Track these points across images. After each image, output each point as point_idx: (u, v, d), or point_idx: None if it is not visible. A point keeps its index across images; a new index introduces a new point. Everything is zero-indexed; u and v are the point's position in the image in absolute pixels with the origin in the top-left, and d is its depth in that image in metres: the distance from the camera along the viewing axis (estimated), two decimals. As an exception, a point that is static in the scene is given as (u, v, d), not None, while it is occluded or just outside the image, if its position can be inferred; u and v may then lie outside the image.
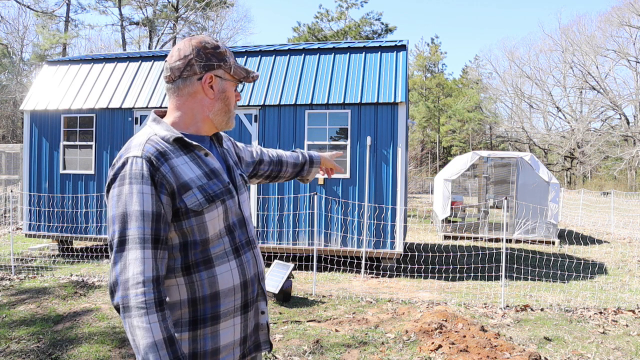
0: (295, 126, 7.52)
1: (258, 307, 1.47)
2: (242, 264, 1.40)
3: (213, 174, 1.37)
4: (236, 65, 1.45)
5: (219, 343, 1.34)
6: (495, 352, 3.73)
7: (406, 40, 8.00)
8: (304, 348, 4.02)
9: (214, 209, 1.33)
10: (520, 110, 42.09)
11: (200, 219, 1.31)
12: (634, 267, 8.17)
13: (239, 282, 1.38)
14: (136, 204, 1.23)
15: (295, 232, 7.46)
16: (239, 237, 1.42)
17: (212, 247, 1.34)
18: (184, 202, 1.28)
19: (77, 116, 8.39)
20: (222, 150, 1.52)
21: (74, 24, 30.59)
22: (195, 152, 1.37)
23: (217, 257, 1.34)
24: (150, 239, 1.23)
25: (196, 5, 30.52)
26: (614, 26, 34.60)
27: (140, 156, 1.26)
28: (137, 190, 1.24)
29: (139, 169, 1.25)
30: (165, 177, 1.27)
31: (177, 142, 1.35)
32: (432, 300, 5.72)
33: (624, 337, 4.50)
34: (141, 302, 1.18)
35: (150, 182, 1.25)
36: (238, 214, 1.43)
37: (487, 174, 11.45)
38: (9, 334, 4.34)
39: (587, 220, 15.16)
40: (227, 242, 1.37)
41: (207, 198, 1.32)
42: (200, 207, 1.30)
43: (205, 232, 1.32)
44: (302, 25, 35.85)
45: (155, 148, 1.29)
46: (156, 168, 1.26)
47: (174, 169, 1.29)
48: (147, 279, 1.20)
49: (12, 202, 10.86)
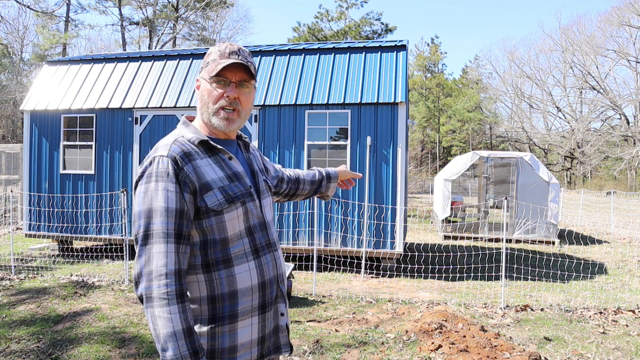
0: (295, 126, 7.52)
1: (277, 309, 1.50)
2: (261, 265, 1.43)
3: (235, 177, 1.43)
4: (213, 62, 1.44)
5: (237, 341, 1.38)
6: (495, 352, 3.73)
7: (406, 40, 8.00)
8: (304, 348, 4.02)
9: (234, 210, 1.38)
10: (520, 110, 42.10)
11: (219, 218, 1.36)
12: (634, 267, 8.17)
13: (257, 282, 1.41)
14: (161, 201, 1.30)
15: (295, 232, 7.46)
16: (260, 239, 1.45)
17: (232, 247, 1.38)
18: (205, 201, 1.34)
19: (77, 116, 8.39)
20: (247, 156, 1.57)
21: (74, 24, 30.60)
22: (219, 155, 1.44)
23: (236, 257, 1.39)
24: (174, 234, 1.29)
25: (196, 5, 30.52)
26: (614, 26, 34.61)
27: (167, 155, 1.33)
28: (163, 188, 1.31)
29: (164, 167, 1.32)
30: (188, 176, 1.33)
31: (203, 145, 1.42)
32: (432, 300, 5.72)
33: (624, 337, 4.50)
34: (163, 293, 1.24)
35: (175, 180, 1.31)
36: (259, 216, 1.47)
37: (487, 174, 11.45)
38: (9, 334, 4.34)
39: (587, 220, 15.16)
40: (247, 243, 1.41)
41: (227, 199, 1.37)
42: (220, 207, 1.35)
43: (225, 231, 1.37)
44: (302, 25, 35.86)
45: (181, 149, 1.36)
46: (180, 167, 1.33)
47: (197, 169, 1.35)
48: (170, 271, 1.26)
49: (12, 202, 10.86)
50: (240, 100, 1.45)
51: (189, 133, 1.43)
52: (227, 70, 1.43)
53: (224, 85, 1.43)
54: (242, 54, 1.45)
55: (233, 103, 1.44)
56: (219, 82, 1.43)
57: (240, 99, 1.45)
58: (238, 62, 1.42)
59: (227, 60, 1.41)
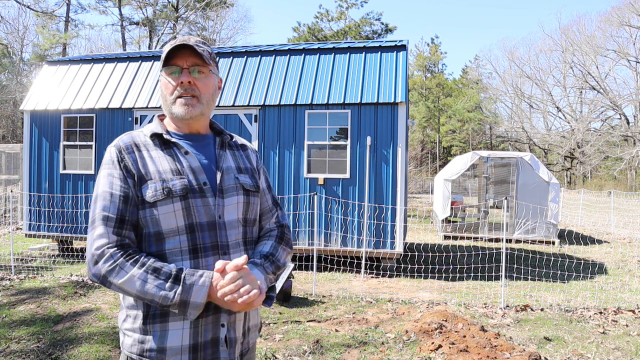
0: (295, 126, 7.52)
1: (217, 319, 1.35)
2: (197, 266, 1.33)
3: (184, 172, 1.37)
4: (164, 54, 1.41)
5: (166, 344, 1.32)
6: (495, 352, 3.73)
7: (406, 40, 8.00)
8: (304, 348, 4.02)
9: (169, 204, 1.33)
10: (520, 110, 42.10)
11: (152, 211, 1.33)
12: (634, 267, 8.17)
13: None
14: (105, 185, 1.35)
15: (295, 232, 7.46)
16: (202, 239, 1.35)
17: (167, 242, 1.34)
18: (141, 191, 1.34)
19: (77, 116, 8.39)
20: (220, 152, 1.48)
21: (74, 24, 30.60)
22: (173, 149, 1.41)
23: (170, 253, 1.34)
24: (115, 218, 1.31)
25: (196, 5, 30.52)
26: (614, 26, 34.61)
27: (114, 145, 1.39)
28: (107, 174, 1.36)
29: (110, 156, 1.38)
30: (130, 164, 1.35)
31: (156, 138, 1.41)
32: (432, 300, 5.72)
33: (624, 337, 4.50)
34: (109, 266, 1.26)
35: (118, 166, 1.35)
36: (210, 215, 1.37)
37: (487, 174, 11.45)
38: (9, 334, 4.34)
39: (587, 220, 15.16)
40: (183, 241, 1.34)
41: (163, 191, 1.33)
42: (153, 199, 1.32)
43: (158, 225, 1.33)
44: (302, 25, 35.87)
45: (130, 141, 1.40)
46: (122, 156, 1.36)
47: (141, 159, 1.37)
48: (111, 245, 1.28)
49: (12, 202, 10.86)
50: (197, 85, 1.40)
51: (149, 127, 1.44)
52: (177, 57, 1.39)
53: (178, 75, 1.40)
54: (192, 40, 1.41)
55: (189, 89, 1.39)
56: (173, 72, 1.40)
57: (196, 84, 1.40)
58: (185, 45, 1.38)
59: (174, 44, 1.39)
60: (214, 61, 1.48)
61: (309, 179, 7.43)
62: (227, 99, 7.77)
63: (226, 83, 8.00)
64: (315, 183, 7.40)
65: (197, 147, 1.45)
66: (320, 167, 7.44)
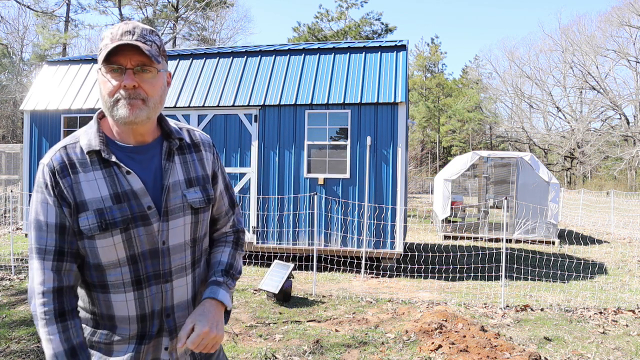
0: (295, 126, 7.52)
1: (160, 342, 1.32)
2: (142, 297, 1.27)
3: (125, 197, 1.23)
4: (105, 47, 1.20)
5: None
6: (495, 352, 3.73)
7: (406, 40, 8.00)
8: (304, 348, 4.02)
9: (109, 237, 1.21)
10: (520, 110, 42.10)
11: (91, 243, 1.22)
12: (634, 267, 8.16)
13: (135, 314, 1.28)
14: (39, 214, 1.22)
15: (295, 232, 7.46)
16: (145, 269, 1.27)
17: (108, 274, 1.25)
18: (78, 222, 1.21)
19: (77, 116, 8.39)
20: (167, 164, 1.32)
21: (74, 24, 30.61)
22: (113, 168, 1.24)
23: (112, 285, 1.26)
24: (53, 250, 1.20)
25: (196, 5, 30.53)
26: (614, 26, 34.61)
27: (47, 164, 1.23)
28: (41, 200, 1.22)
29: (42, 178, 1.22)
30: (64, 191, 1.21)
31: (94, 155, 1.24)
32: (432, 300, 5.72)
33: (624, 337, 4.50)
34: (42, 313, 1.19)
35: (52, 193, 1.21)
36: (152, 243, 1.26)
37: (487, 174, 11.45)
38: (9, 334, 4.34)
39: (587, 220, 15.16)
40: (126, 273, 1.25)
41: (101, 224, 1.20)
42: (90, 232, 1.21)
43: (98, 258, 1.23)
44: (302, 25, 35.85)
45: (63, 158, 1.23)
46: (56, 181, 1.21)
47: (75, 184, 1.21)
48: (47, 289, 1.19)
49: (12, 202, 10.86)
50: (143, 89, 1.21)
51: (86, 137, 1.25)
52: (120, 55, 1.19)
53: (119, 74, 1.20)
54: (138, 32, 1.21)
55: (133, 94, 1.20)
56: (113, 70, 1.20)
57: (143, 88, 1.21)
58: (129, 44, 1.18)
59: (116, 43, 1.18)
60: (164, 56, 1.29)
61: (309, 179, 7.44)
62: (227, 99, 7.78)
63: (226, 83, 8.00)
64: (315, 183, 7.40)
65: (141, 161, 1.28)
66: (320, 167, 7.44)
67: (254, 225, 7.60)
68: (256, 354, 3.87)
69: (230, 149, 7.76)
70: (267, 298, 5.58)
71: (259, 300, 5.58)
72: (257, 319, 4.85)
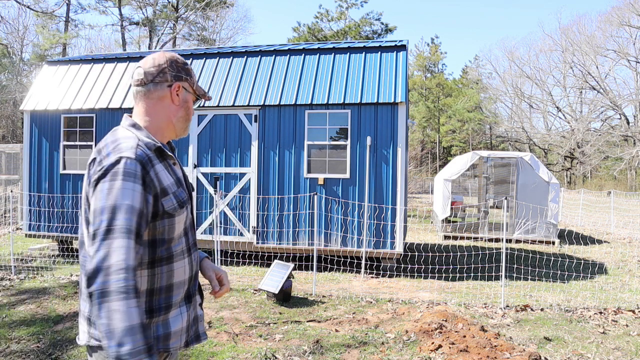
0: (295, 126, 7.52)
1: (196, 300, 1.65)
2: (191, 261, 1.59)
3: (179, 182, 1.56)
4: (197, 84, 1.67)
5: (170, 329, 1.50)
6: (495, 352, 3.73)
7: (406, 40, 8.00)
8: (304, 348, 4.02)
9: (183, 213, 1.52)
10: (520, 110, 42.11)
11: (172, 220, 1.48)
12: (634, 267, 8.17)
13: (187, 276, 1.57)
14: (128, 198, 1.35)
15: (295, 232, 7.46)
16: (191, 239, 1.61)
17: (174, 245, 1.51)
18: (163, 205, 1.45)
19: (77, 116, 8.39)
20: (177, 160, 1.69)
21: (74, 24, 30.60)
22: (167, 160, 1.55)
23: (176, 254, 1.52)
24: (134, 231, 1.34)
25: (196, 5, 30.52)
26: (614, 26, 34.61)
27: (135, 158, 1.41)
28: (130, 187, 1.36)
29: (132, 169, 1.39)
30: (152, 180, 1.43)
31: (157, 151, 1.51)
32: (432, 300, 5.72)
33: (624, 337, 4.50)
34: (122, 287, 1.26)
35: (141, 182, 1.39)
36: (191, 218, 1.62)
37: (487, 174, 11.45)
38: (9, 334, 4.34)
39: (587, 220, 15.16)
40: (184, 242, 1.56)
41: (179, 203, 1.51)
42: (174, 211, 1.48)
43: (173, 232, 1.50)
44: (302, 25, 35.86)
45: (145, 153, 1.45)
46: (147, 171, 1.42)
47: (157, 174, 1.46)
48: (129, 266, 1.29)
49: (12, 202, 10.86)
50: None
51: (144, 137, 1.51)
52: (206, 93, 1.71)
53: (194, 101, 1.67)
54: None
55: None
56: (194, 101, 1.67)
57: None
58: None
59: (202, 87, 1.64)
60: None
61: (309, 179, 7.44)
62: (227, 99, 7.78)
63: (226, 83, 8.00)
64: (315, 183, 7.40)
65: None
66: (320, 167, 7.44)
67: (254, 225, 7.60)
68: (256, 354, 3.87)
69: (230, 149, 7.76)
70: (267, 298, 5.58)
71: (259, 300, 5.58)
72: (257, 319, 4.85)
